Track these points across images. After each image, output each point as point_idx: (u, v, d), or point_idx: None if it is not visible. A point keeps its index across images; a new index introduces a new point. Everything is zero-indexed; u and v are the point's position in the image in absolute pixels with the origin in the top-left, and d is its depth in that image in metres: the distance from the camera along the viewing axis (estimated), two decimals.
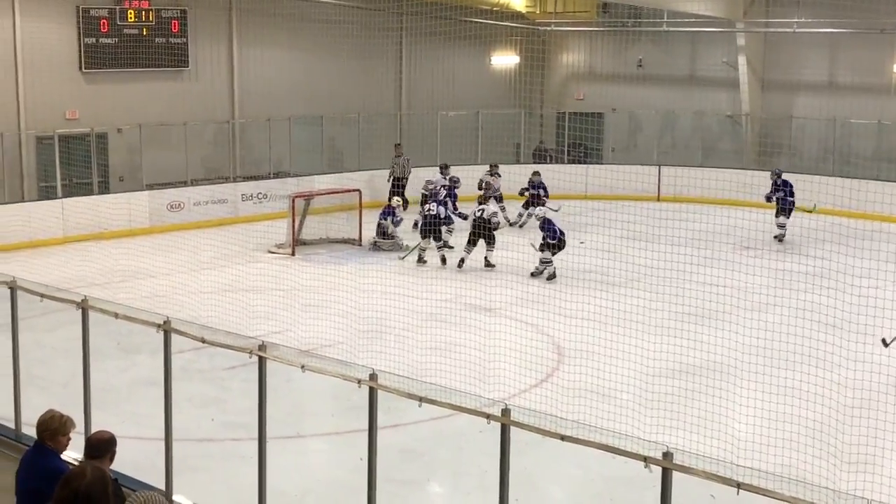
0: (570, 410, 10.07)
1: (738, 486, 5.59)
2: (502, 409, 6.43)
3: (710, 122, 28.75)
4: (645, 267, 16.25)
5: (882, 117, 25.66)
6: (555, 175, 22.98)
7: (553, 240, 18.10)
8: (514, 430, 6.43)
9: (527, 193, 22.43)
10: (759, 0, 27.18)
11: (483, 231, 18.95)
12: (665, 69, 29.72)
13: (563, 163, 27.69)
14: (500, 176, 23.17)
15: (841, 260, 14.61)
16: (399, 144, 25.02)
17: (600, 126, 29.50)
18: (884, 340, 13.01)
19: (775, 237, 21.27)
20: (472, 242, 18.89)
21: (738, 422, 10.91)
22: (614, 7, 29.77)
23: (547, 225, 18.30)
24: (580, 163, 27.09)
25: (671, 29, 28.65)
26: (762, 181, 22.44)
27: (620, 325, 13.83)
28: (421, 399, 6.84)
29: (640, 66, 30.00)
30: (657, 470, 5.84)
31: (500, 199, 22.49)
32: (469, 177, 23.03)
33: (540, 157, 28.88)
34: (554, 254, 18.08)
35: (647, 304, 15.44)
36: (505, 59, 31.10)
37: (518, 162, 27.87)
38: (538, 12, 30.13)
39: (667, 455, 5.81)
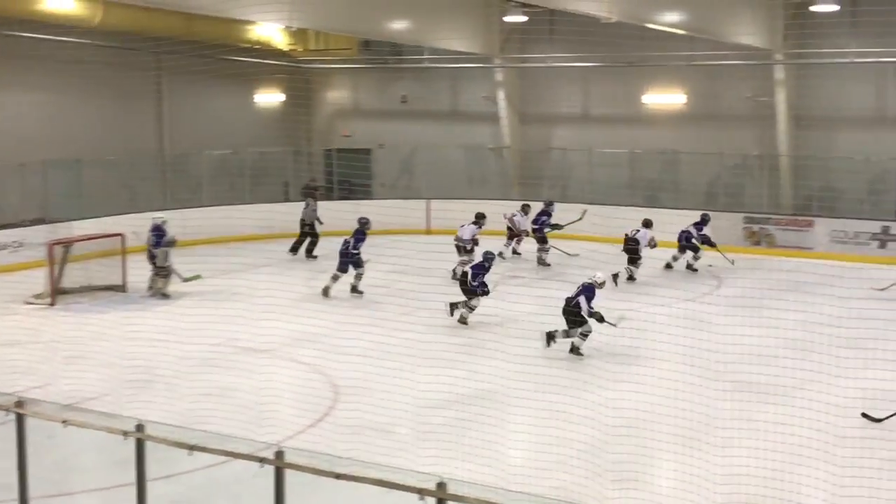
0: (347, 448, 10.01)
1: None
2: (276, 452, 6.35)
3: (475, 155, 29.50)
4: (416, 300, 16.42)
5: (634, 146, 27.03)
6: (325, 213, 22.97)
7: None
8: (290, 472, 6.36)
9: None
10: (513, 37, 28.16)
11: (631, 254, 20.03)
12: (429, 104, 30.32)
13: (332, 199, 27.78)
14: (526, 215, 23.21)
15: None
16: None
17: (368, 162, 29.75)
18: (867, 416, 11.76)
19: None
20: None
21: (510, 448, 11.14)
22: (376, 44, 30.10)
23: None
24: (348, 199, 27.21)
25: (432, 65, 29.30)
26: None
27: (394, 360, 13.88)
28: (191, 447, 6.68)
29: (405, 101, 30.52)
30: (431, 501, 5.89)
31: (520, 240, 23.01)
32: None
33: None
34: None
35: (420, 336, 15.56)
36: (269, 97, 30.94)
37: (287, 200, 27.69)
38: (300, 50, 30.11)
39: (440, 486, 5.86)
